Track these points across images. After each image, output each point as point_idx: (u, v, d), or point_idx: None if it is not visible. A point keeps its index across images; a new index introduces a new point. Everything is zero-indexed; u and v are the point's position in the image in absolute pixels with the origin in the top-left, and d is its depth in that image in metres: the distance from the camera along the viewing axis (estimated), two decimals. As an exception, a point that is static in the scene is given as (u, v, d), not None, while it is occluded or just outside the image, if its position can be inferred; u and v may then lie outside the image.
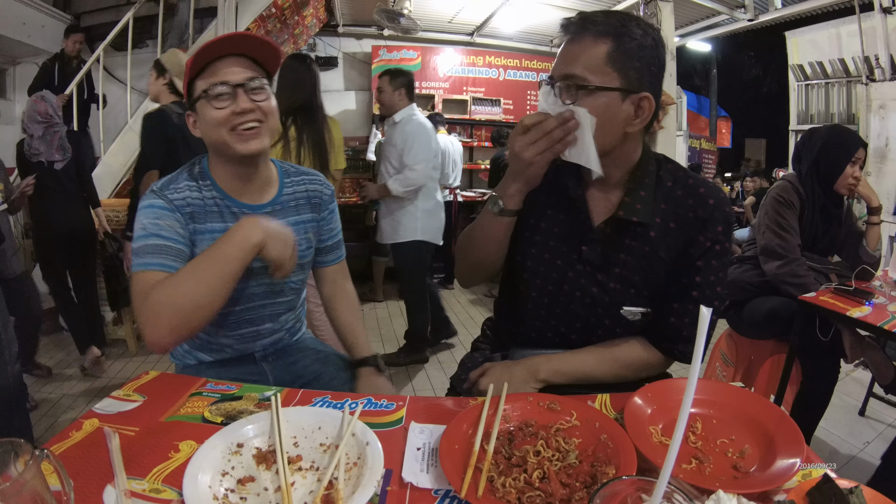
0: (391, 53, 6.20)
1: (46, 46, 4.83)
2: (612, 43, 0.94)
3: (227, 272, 1.01)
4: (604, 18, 0.96)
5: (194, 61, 1.08)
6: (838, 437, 2.48)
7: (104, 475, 0.71)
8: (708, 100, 10.45)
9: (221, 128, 1.09)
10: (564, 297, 1.13)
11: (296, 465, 0.76)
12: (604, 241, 1.07)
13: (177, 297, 0.97)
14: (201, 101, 1.10)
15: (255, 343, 1.29)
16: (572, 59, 0.96)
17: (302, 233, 1.27)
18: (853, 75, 5.24)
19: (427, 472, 0.73)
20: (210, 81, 1.09)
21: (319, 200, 1.32)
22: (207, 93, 1.09)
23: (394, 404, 0.93)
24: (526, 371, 1.05)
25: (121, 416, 0.87)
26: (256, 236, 1.02)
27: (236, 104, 1.09)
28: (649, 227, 1.04)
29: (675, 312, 1.06)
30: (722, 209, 1.03)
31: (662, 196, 1.05)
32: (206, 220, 1.15)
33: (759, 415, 0.83)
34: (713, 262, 1.04)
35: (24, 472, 0.52)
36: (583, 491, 0.68)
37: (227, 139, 1.10)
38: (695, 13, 5.55)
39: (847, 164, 2.06)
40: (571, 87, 0.96)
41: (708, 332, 1.05)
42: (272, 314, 1.28)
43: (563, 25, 1.00)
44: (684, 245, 1.04)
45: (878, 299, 1.84)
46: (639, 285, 1.07)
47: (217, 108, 1.08)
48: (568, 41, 0.99)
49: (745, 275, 2.25)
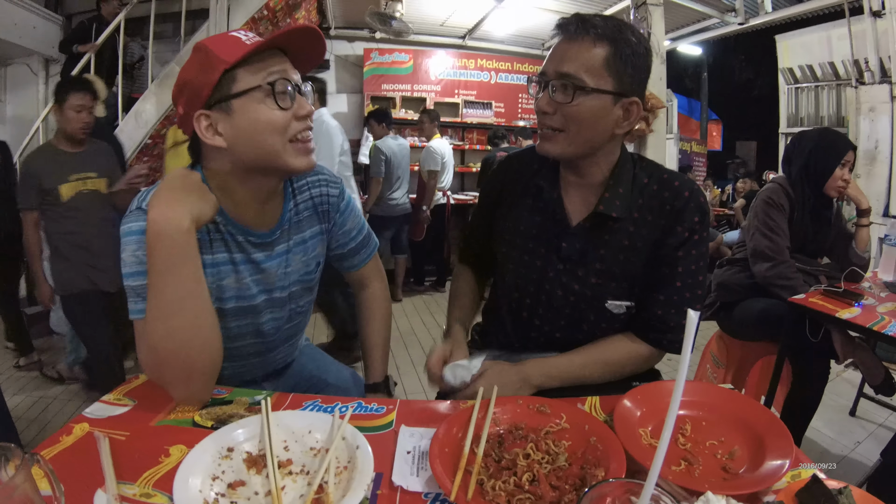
0: (383, 56, 6.21)
1: (37, 47, 4.81)
2: (610, 48, 0.97)
3: (189, 279, 0.87)
4: (602, 22, 0.98)
5: (241, 48, 0.89)
6: (829, 437, 2.50)
7: (95, 480, 0.70)
8: (699, 103, 10.50)
9: (278, 135, 0.92)
10: (546, 297, 1.14)
11: (286, 468, 0.76)
12: (582, 237, 1.10)
13: (167, 343, 0.86)
14: (250, 95, 0.90)
15: (261, 370, 1.22)
16: (571, 59, 0.98)
17: (311, 251, 1.13)
18: (843, 78, 5.30)
19: (417, 475, 0.74)
20: (271, 72, 0.91)
21: (327, 206, 1.14)
22: (273, 87, 0.90)
23: (384, 408, 0.93)
24: (518, 378, 1.04)
25: (111, 421, 0.86)
26: (184, 220, 0.85)
27: (299, 107, 0.93)
28: (627, 222, 1.07)
29: (659, 303, 1.08)
30: (697, 199, 1.06)
31: (639, 192, 1.09)
32: (210, 250, 0.99)
33: (748, 416, 0.84)
34: (692, 251, 1.07)
35: (14, 477, 0.52)
36: (572, 493, 0.68)
37: (281, 150, 0.93)
38: (686, 17, 5.59)
39: (836, 167, 2.08)
40: (568, 86, 0.98)
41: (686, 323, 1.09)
42: (286, 336, 1.20)
43: (561, 24, 1.01)
44: (662, 235, 1.06)
45: (868, 300, 1.86)
46: (619, 278, 1.09)
47: (280, 109, 0.91)
48: (565, 40, 1.00)
49: (735, 277, 2.27)
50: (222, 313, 1.01)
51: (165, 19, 4.78)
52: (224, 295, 1.03)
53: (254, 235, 1.02)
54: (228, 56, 0.88)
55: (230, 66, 0.89)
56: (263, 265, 1.05)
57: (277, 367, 1.26)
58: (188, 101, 0.93)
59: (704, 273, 1.09)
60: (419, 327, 4.24)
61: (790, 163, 2.20)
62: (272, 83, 0.90)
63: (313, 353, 1.40)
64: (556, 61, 1.00)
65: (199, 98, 0.91)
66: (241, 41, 0.91)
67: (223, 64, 0.88)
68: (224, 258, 1.01)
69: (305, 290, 1.16)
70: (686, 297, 1.07)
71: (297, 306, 1.17)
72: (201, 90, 0.90)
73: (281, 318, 1.14)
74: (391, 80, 6.24)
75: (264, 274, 1.06)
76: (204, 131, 0.92)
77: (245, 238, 1.02)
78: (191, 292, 0.87)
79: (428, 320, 4.41)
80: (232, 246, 1.01)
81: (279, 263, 1.08)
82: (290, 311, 1.15)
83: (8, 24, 4.45)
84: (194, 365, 0.88)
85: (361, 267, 1.26)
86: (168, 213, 0.84)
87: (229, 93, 0.90)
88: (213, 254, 1.00)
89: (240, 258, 1.03)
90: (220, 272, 1.01)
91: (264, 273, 1.06)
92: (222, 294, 1.02)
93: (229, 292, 1.03)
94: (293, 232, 1.09)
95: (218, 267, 1.00)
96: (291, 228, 1.09)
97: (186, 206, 0.86)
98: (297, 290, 1.14)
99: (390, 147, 4.44)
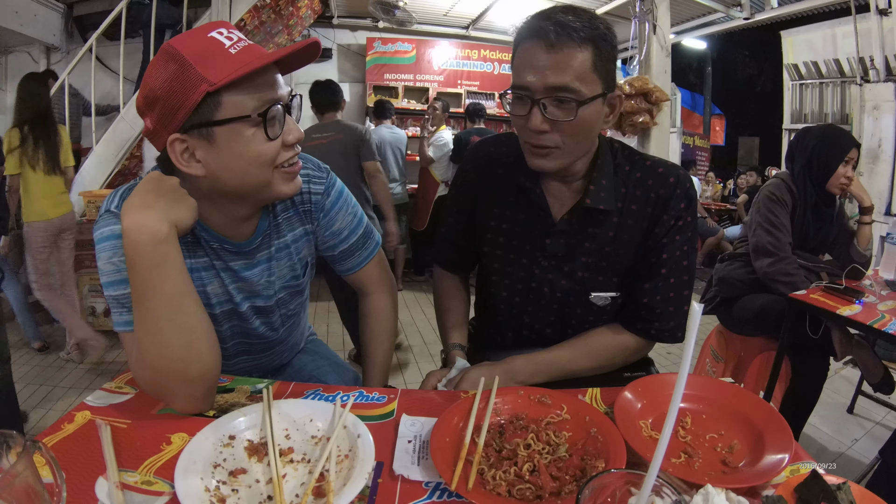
0: (386, 46, 6.18)
1: (39, 35, 4.79)
2: (594, 49, 0.90)
3: (175, 291, 0.80)
4: (578, 23, 0.90)
5: (230, 66, 0.77)
6: (827, 434, 2.51)
7: (96, 467, 0.71)
8: (702, 97, 10.47)
9: (266, 167, 0.84)
10: (534, 295, 1.14)
11: (287, 457, 0.76)
12: (567, 232, 1.08)
13: (162, 361, 0.80)
14: (236, 126, 0.80)
15: (258, 371, 1.19)
16: (560, 70, 0.89)
17: (295, 255, 1.06)
18: (848, 76, 5.27)
19: (418, 464, 0.74)
20: (263, 98, 0.81)
21: (310, 206, 1.05)
22: (266, 115, 0.81)
23: (385, 397, 0.93)
24: (504, 375, 1.00)
25: (113, 409, 0.87)
26: (161, 226, 0.78)
27: (288, 132, 0.85)
28: (612, 213, 1.05)
29: (646, 292, 1.07)
30: (683, 185, 1.04)
31: (621, 181, 1.06)
32: (192, 255, 0.94)
33: (748, 410, 0.84)
34: (677, 237, 1.04)
35: (15, 464, 0.52)
36: (572, 484, 0.69)
37: (269, 180, 0.86)
38: (691, 10, 5.54)
39: (840, 164, 2.07)
40: (567, 101, 0.91)
41: (683, 313, 1.07)
42: (282, 337, 1.17)
43: (537, 31, 0.91)
44: (649, 225, 1.05)
45: (868, 298, 1.86)
46: (606, 271, 1.08)
47: (269, 140, 0.82)
48: (545, 48, 0.90)
49: (736, 272, 2.27)
50: (213, 318, 0.95)
51: (166, 7, 4.75)
52: (211, 301, 0.99)
53: (230, 244, 0.96)
54: (213, 76, 0.76)
55: (214, 90, 0.77)
56: (243, 274, 1.00)
57: (275, 366, 1.24)
58: (160, 119, 0.81)
59: (692, 259, 1.07)
60: (419, 317, 4.25)
61: (793, 159, 2.19)
62: (264, 112, 0.81)
63: (317, 351, 1.34)
64: (541, 73, 0.90)
65: (173, 119, 0.79)
66: (227, 53, 0.78)
67: (206, 85, 0.76)
68: (205, 263, 0.96)
69: (294, 295, 1.12)
70: (671, 283, 1.05)
71: (288, 311, 1.13)
72: (176, 111, 0.78)
73: (273, 322, 1.11)
74: (394, 70, 6.21)
75: (246, 283, 1.01)
76: (179, 157, 0.82)
77: (221, 245, 0.95)
78: (179, 305, 0.80)
79: (429, 311, 4.41)
80: (210, 252, 0.96)
81: (261, 273, 1.02)
82: (280, 317, 1.12)
83: (9, 12, 4.44)
84: (193, 379, 0.82)
85: (358, 270, 1.15)
86: (143, 220, 0.77)
87: (211, 118, 0.79)
88: (195, 258, 0.94)
89: (220, 265, 0.98)
90: (202, 277, 0.96)
91: (245, 282, 1.01)
92: (209, 300, 0.98)
93: (215, 298, 1.00)
94: (273, 237, 1.02)
95: (200, 272, 0.95)
96: (272, 234, 1.02)
97: (163, 212, 0.79)
98: (283, 296, 1.09)
99: (381, 135, 4.44)
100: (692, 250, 1.07)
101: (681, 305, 1.07)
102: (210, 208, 0.90)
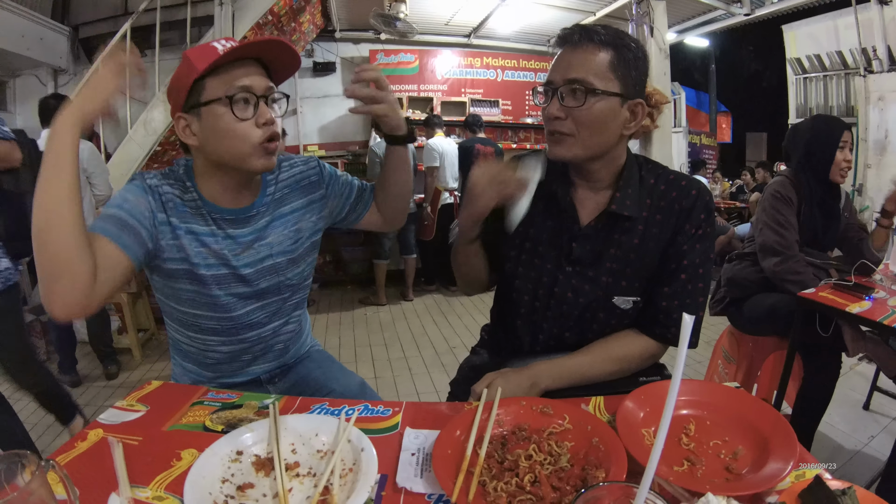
0: (389, 57, 6.21)
1: (46, 59, 4.86)
2: (614, 52, 1.01)
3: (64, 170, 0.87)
4: (604, 31, 1.02)
5: (212, 59, 0.98)
6: (843, 432, 2.48)
7: (109, 484, 0.72)
8: (707, 95, 10.44)
9: (239, 141, 1.02)
10: (556, 300, 1.15)
11: (294, 471, 0.77)
12: (593, 238, 1.12)
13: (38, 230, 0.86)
14: (213, 106, 1.01)
15: (260, 362, 1.26)
16: (578, 65, 1.02)
17: (291, 224, 1.20)
18: (851, 67, 5.24)
19: (421, 477, 0.75)
20: (233, 85, 1.01)
21: (308, 181, 1.24)
22: (232, 99, 1.00)
23: (390, 410, 0.94)
24: (528, 381, 1.04)
25: (124, 426, 0.89)
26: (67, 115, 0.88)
27: (260, 115, 1.03)
28: (637, 221, 1.10)
29: (665, 296, 1.10)
30: (703, 198, 1.10)
31: (647, 191, 1.12)
32: (187, 220, 1.08)
33: (752, 416, 0.84)
34: (697, 245, 1.10)
35: (30, 483, 0.54)
36: (573, 494, 0.69)
37: (247, 152, 1.03)
38: (691, 9, 5.54)
39: (836, 151, 2.07)
40: (579, 91, 1.01)
41: (698, 320, 1.08)
42: (285, 311, 1.26)
43: (563, 36, 1.05)
44: (672, 235, 1.10)
45: (879, 294, 1.83)
46: (630, 277, 1.11)
47: (240, 119, 1.01)
48: (568, 49, 1.04)
49: (745, 271, 2.25)
50: (215, 279, 1.11)
51: (171, 27, 4.82)
52: (207, 261, 1.11)
53: (230, 213, 1.12)
54: (200, 65, 0.98)
55: (199, 76, 1.00)
56: (240, 239, 1.14)
57: (276, 365, 1.29)
58: (173, 103, 1.07)
59: (708, 268, 1.12)
60: (431, 327, 4.25)
61: (789, 158, 2.19)
62: (231, 96, 1.00)
63: (322, 359, 1.40)
64: (563, 69, 1.03)
65: (178, 102, 1.05)
66: (216, 50, 1.00)
67: (195, 73, 0.99)
68: (205, 230, 1.10)
69: (290, 263, 1.21)
70: (689, 289, 1.09)
71: (286, 279, 1.22)
72: (179, 95, 1.04)
73: (271, 291, 1.20)
74: (397, 81, 6.24)
75: (241, 247, 1.14)
76: (181, 131, 1.06)
77: (221, 216, 1.11)
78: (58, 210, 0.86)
79: (440, 320, 4.42)
80: (209, 220, 1.11)
81: (256, 236, 1.16)
82: (278, 283, 1.21)
83: (15, 36, 4.51)
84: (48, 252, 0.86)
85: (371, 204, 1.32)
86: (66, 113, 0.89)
87: (199, 100, 1.02)
88: (193, 223, 1.09)
89: (218, 231, 1.12)
90: (199, 240, 1.09)
91: (241, 245, 1.14)
92: (204, 260, 1.10)
93: (211, 259, 1.11)
94: (272, 209, 1.19)
95: (199, 236, 1.09)
96: (272, 205, 1.19)
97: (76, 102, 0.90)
98: (281, 261, 1.19)
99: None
100: (709, 260, 1.12)
101: (696, 311, 1.11)
102: (210, 178, 1.10)
